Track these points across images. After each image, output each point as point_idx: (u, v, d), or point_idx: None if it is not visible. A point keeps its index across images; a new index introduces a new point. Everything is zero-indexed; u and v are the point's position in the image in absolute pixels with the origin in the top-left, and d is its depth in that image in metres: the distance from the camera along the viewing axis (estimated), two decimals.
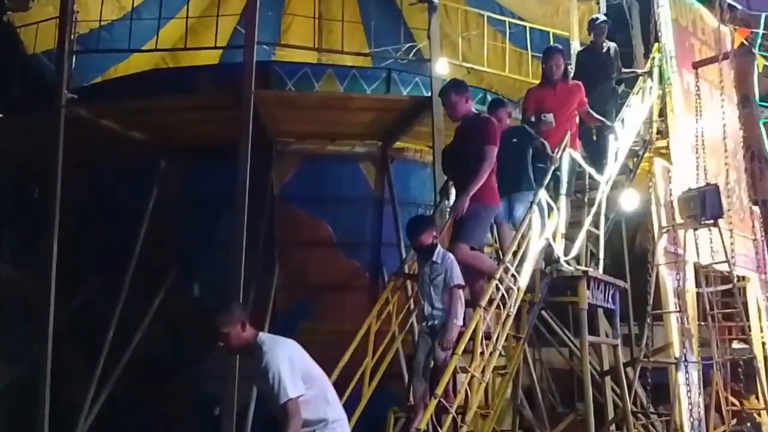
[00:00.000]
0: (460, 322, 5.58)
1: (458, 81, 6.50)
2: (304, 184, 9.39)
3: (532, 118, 7.39)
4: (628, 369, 9.16)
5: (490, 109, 6.95)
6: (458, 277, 5.66)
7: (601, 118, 7.94)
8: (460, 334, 5.51)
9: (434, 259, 5.69)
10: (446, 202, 6.99)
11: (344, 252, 9.44)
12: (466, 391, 5.27)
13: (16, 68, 10.77)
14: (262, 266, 9.05)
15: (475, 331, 5.48)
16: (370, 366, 6.13)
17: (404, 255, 8.41)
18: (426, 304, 5.73)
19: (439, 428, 4.97)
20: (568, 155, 6.96)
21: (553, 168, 6.78)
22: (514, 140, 6.73)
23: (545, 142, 6.93)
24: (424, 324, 5.81)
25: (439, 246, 5.78)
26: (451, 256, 5.73)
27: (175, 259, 9.28)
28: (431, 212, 7.69)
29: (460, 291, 5.64)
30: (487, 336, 5.75)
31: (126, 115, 8.85)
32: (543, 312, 9.21)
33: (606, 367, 9.29)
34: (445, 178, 7.03)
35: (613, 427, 8.84)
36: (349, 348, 6.18)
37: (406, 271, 6.68)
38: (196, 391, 9.19)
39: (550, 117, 7.24)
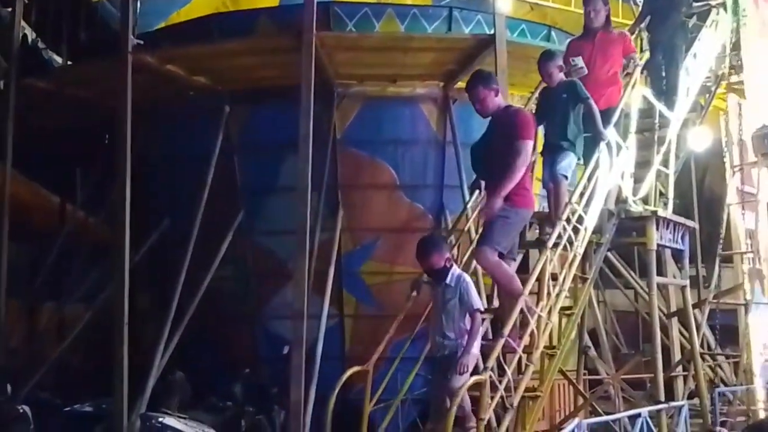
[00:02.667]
0: (477, 351, 5.14)
1: (484, 73, 5.95)
2: (366, 126, 9.37)
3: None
4: (696, 310, 9.05)
5: (540, 62, 6.33)
6: (477, 301, 5.20)
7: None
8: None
9: (447, 281, 5.23)
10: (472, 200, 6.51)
11: (406, 194, 9.45)
12: (533, 331, 5.28)
13: (82, 16, 10.94)
14: (326, 209, 9.17)
15: (541, 272, 5.46)
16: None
17: (467, 197, 8.40)
18: (436, 335, 5.31)
19: (506, 367, 5.00)
20: (638, 92, 6.74)
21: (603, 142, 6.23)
22: (564, 95, 6.15)
23: (594, 108, 6.20)
24: (436, 356, 5.38)
25: (453, 267, 5.33)
26: (467, 277, 5.30)
27: (241, 203, 9.45)
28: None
29: (480, 316, 5.19)
30: (554, 277, 5.71)
31: (189, 60, 8.93)
32: (608, 254, 9.09)
33: (673, 309, 9.19)
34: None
35: (679, 368, 8.80)
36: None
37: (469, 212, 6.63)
38: (264, 330, 9.49)
39: (578, 61, 6.54)
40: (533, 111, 6.56)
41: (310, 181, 7.69)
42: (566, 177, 5.98)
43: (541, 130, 6.43)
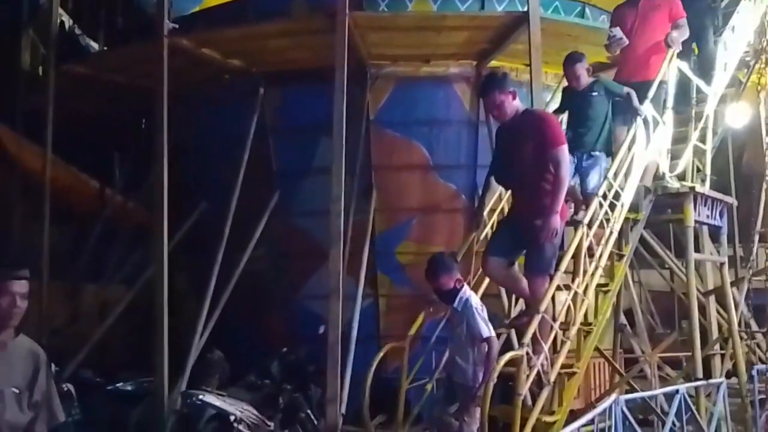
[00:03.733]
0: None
1: (498, 76, 5.59)
2: (399, 107, 9.38)
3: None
4: (734, 289, 8.94)
5: (566, 64, 6.24)
6: (483, 329, 4.94)
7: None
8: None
9: (455, 305, 5.04)
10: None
11: (440, 174, 9.46)
12: (569, 307, 5.28)
13: (119, 2, 11.08)
14: (360, 190, 9.22)
15: (577, 248, 5.45)
16: (471, 283, 6.18)
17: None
18: (453, 355, 5.22)
19: (543, 343, 5.01)
20: (675, 67, 6.65)
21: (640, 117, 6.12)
22: (593, 94, 6.07)
23: (631, 93, 6.16)
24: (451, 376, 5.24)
25: (464, 290, 5.11)
26: (474, 301, 5.06)
27: (276, 184, 9.54)
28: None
29: (490, 344, 4.94)
30: (590, 254, 5.69)
31: (224, 43, 9.01)
32: (644, 233, 9.03)
33: (710, 287, 9.09)
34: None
35: (717, 347, 8.71)
36: None
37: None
38: (300, 310, 9.60)
39: (617, 32, 6.42)
40: (560, 104, 6.57)
41: (344, 162, 7.74)
42: (596, 194, 5.79)
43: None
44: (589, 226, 5.56)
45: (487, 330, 4.94)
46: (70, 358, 9.10)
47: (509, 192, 6.03)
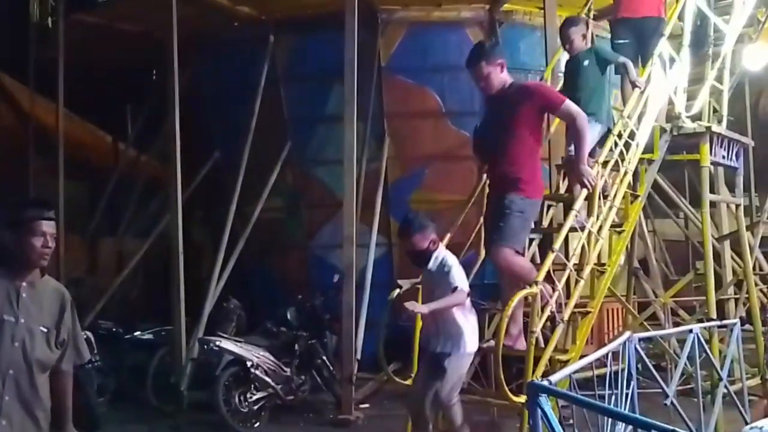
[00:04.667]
0: (472, 350, 4.80)
1: (485, 46, 5.19)
2: (411, 53, 9.29)
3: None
4: (748, 233, 8.87)
5: (562, 28, 5.99)
6: (461, 280, 4.71)
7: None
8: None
9: (430, 266, 4.73)
10: None
11: (452, 121, 9.40)
12: (583, 247, 5.26)
13: None
14: (373, 138, 9.19)
15: (593, 188, 5.40)
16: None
17: None
18: (428, 327, 4.93)
19: (556, 282, 5.01)
20: (693, 4, 6.49)
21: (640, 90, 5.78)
22: (585, 63, 5.78)
23: (627, 63, 5.87)
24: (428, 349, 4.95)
25: (438, 250, 4.80)
26: (451, 259, 4.76)
27: (288, 133, 9.52)
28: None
29: (459, 296, 4.69)
30: (604, 194, 5.65)
31: None
32: (658, 179, 8.95)
33: (725, 232, 9.03)
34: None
35: (731, 291, 8.71)
36: (461, 214, 6.20)
37: None
38: (315, 259, 9.67)
39: None
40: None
41: (356, 109, 7.69)
42: (591, 156, 5.47)
43: None
44: (604, 165, 5.50)
45: (466, 282, 4.71)
46: (89, 308, 9.24)
47: None
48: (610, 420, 4.10)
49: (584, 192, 5.37)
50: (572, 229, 5.30)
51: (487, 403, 5.43)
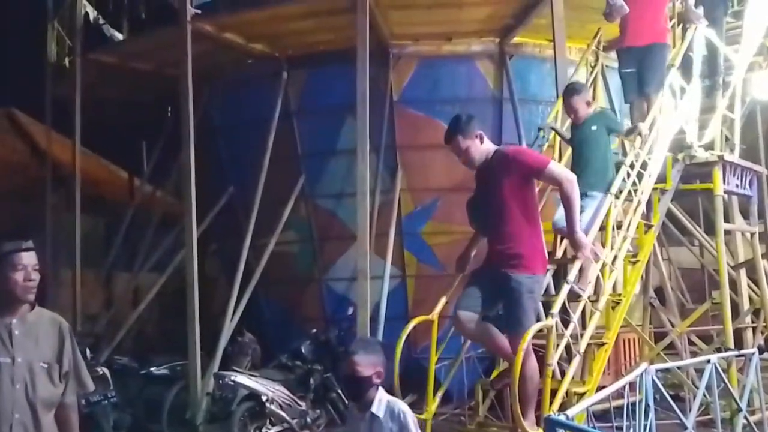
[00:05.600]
0: None
1: (461, 120, 4.79)
2: (422, 86, 9.36)
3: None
4: (765, 261, 8.82)
5: (565, 96, 5.91)
6: None
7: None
8: None
9: (373, 410, 3.56)
10: None
11: None
12: (598, 278, 5.26)
13: None
14: (385, 170, 9.24)
15: (605, 220, 5.42)
16: None
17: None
18: None
19: (571, 313, 4.99)
20: (701, 35, 6.55)
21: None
22: (593, 128, 5.66)
23: (638, 127, 5.83)
24: None
25: (380, 391, 3.61)
26: (407, 410, 3.60)
27: (302, 167, 9.60)
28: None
29: None
30: (618, 226, 5.65)
31: (246, 27, 9.05)
32: (672, 207, 8.94)
33: (740, 260, 8.98)
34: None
35: (748, 320, 8.63)
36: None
37: None
38: (329, 291, 9.67)
39: (619, 0, 6.15)
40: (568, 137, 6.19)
41: (368, 142, 7.75)
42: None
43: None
44: (617, 196, 5.51)
45: None
46: (105, 343, 9.28)
47: None
48: None
49: (598, 222, 5.40)
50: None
51: None
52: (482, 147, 4.69)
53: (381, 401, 3.59)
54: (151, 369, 8.45)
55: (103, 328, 10.15)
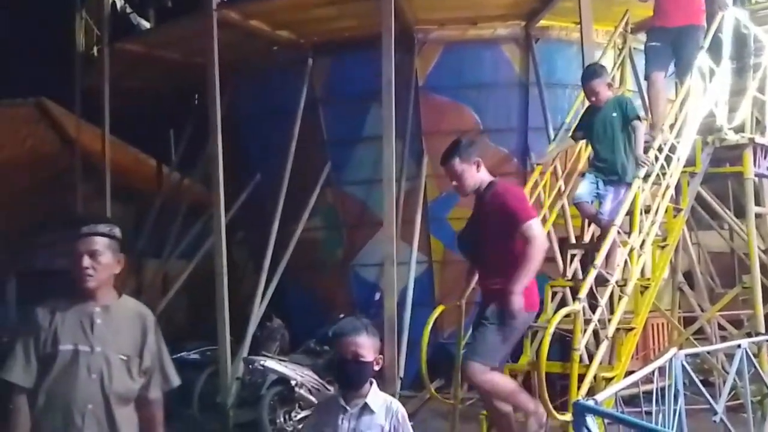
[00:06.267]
0: None
1: (462, 143, 4.58)
2: (448, 71, 9.34)
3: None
4: None
5: (584, 79, 5.73)
6: None
7: None
8: None
9: (368, 402, 3.08)
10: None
11: (490, 138, 9.40)
12: (626, 262, 5.23)
13: None
14: (411, 156, 9.25)
15: (633, 203, 5.38)
16: None
17: (551, 138, 8.31)
18: None
19: (599, 298, 4.98)
20: (731, 16, 6.43)
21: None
22: (614, 114, 5.53)
23: (639, 128, 5.56)
24: None
25: (375, 384, 3.16)
26: (405, 411, 3.15)
27: (327, 154, 9.63)
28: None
29: None
30: (647, 210, 5.61)
31: (272, 14, 9.08)
32: (702, 191, 8.82)
33: None
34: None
35: None
36: None
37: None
38: (356, 277, 9.73)
39: None
40: (579, 120, 6.03)
41: (394, 128, 7.76)
42: (613, 222, 5.32)
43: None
44: (645, 179, 5.47)
45: None
46: None
47: None
48: None
49: (626, 206, 5.36)
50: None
51: None
52: (477, 175, 4.47)
53: (377, 394, 3.14)
54: (182, 354, 8.59)
55: None
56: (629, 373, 5.12)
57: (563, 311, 4.71)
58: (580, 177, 6.14)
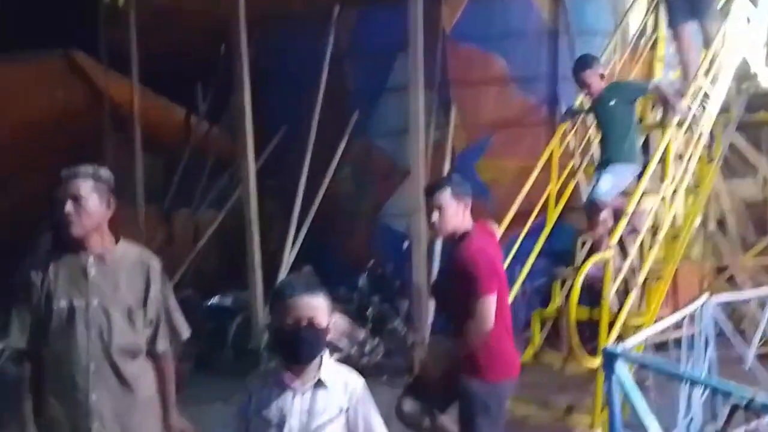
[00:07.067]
0: None
1: (454, 178, 4.18)
2: (475, 20, 9.20)
3: None
4: None
5: (576, 71, 5.64)
6: None
7: None
8: None
9: (322, 377, 2.54)
10: None
11: (519, 87, 9.30)
12: (658, 210, 5.22)
13: None
14: (439, 106, 9.19)
15: (665, 152, 5.34)
16: (554, 191, 6.15)
17: None
18: None
19: (628, 248, 5.00)
20: None
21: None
22: (611, 103, 5.43)
23: (660, 85, 5.59)
24: None
25: (326, 356, 2.62)
26: (363, 382, 2.63)
27: (354, 105, 9.61)
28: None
29: None
30: (680, 157, 5.57)
31: None
32: (735, 138, 8.68)
33: None
34: None
35: None
36: (530, 178, 6.18)
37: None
38: (384, 227, 9.79)
39: None
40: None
41: (421, 78, 7.70)
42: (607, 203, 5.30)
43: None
44: (679, 126, 5.41)
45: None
46: (168, 278, 9.59)
47: None
48: (687, 384, 4.10)
49: (658, 154, 5.32)
50: (646, 192, 5.26)
51: (560, 366, 5.48)
52: (459, 218, 3.87)
53: (331, 367, 2.58)
54: (214, 301, 8.76)
55: (165, 263, 10.46)
56: (660, 320, 5.16)
57: (593, 258, 4.73)
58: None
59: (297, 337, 2.47)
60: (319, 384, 2.53)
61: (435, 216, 3.87)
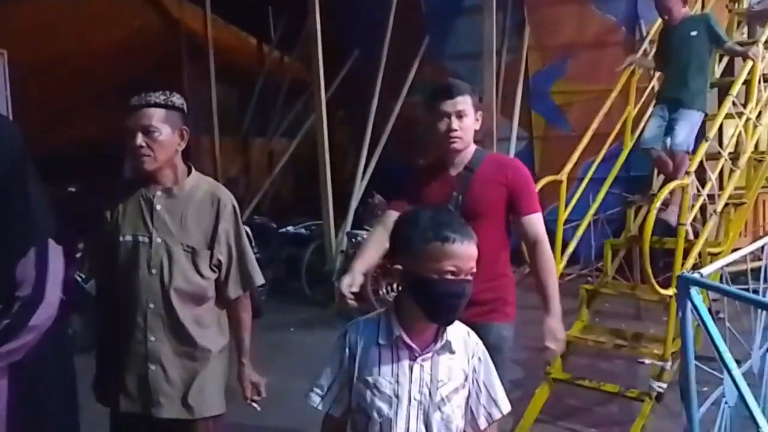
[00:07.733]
0: None
1: (463, 85, 3.14)
2: None
3: None
4: None
5: None
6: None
7: None
8: None
9: (449, 337, 2.03)
10: None
11: (597, 6, 8.91)
12: (740, 134, 4.99)
13: None
14: (512, 28, 8.93)
15: (750, 73, 5.07)
16: (632, 115, 5.95)
17: None
18: None
19: (709, 172, 4.82)
20: None
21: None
22: (692, 33, 4.98)
23: (735, 47, 5.13)
24: None
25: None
26: (481, 345, 2.11)
27: (426, 27, 9.43)
28: None
29: None
30: (765, 79, 5.28)
31: None
32: None
33: None
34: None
35: None
36: (606, 102, 5.97)
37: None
38: None
39: None
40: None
41: None
42: (688, 152, 4.91)
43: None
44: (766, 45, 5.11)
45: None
46: (244, 205, 9.85)
47: None
48: (764, 314, 3.99)
49: (742, 77, 5.06)
50: (728, 116, 5.02)
51: (633, 296, 5.40)
52: (473, 132, 3.16)
53: (454, 324, 2.04)
54: (288, 228, 8.97)
55: (242, 190, 10.75)
56: (738, 249, 5.00)
57: (670, 185, 4.58)
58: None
59: (457, 291, 1.90)
60: (445, 346, 2.01)
61: (456, 123, 3.07)
